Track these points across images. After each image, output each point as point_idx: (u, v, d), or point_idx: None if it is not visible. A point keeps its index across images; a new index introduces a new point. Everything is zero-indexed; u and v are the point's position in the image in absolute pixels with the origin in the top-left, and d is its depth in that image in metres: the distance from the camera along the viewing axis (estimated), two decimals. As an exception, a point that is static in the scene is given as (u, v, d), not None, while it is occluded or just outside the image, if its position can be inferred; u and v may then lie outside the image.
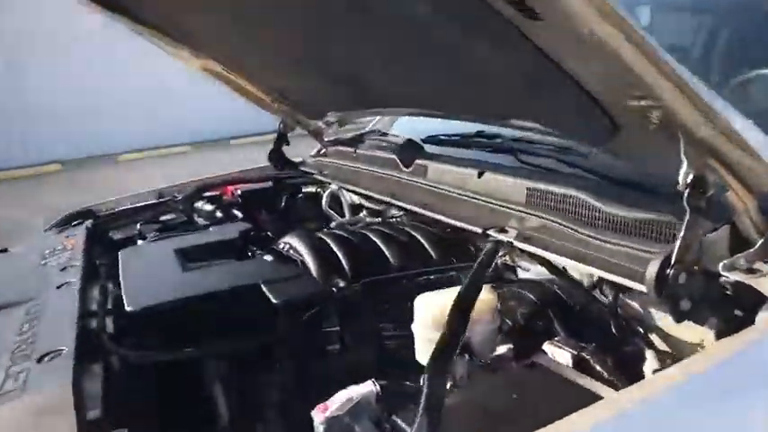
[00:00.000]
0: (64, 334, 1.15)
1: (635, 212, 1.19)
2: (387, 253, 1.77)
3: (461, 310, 1.02)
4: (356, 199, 2.51)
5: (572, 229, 1.25)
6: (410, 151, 1.92)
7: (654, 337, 1.26)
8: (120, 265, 1.67)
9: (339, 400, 1.04)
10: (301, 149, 2.73)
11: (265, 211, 2.49)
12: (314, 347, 1.50)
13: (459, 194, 1.59)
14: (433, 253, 1.79)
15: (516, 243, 1.29)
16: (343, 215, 2.53)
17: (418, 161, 1.82)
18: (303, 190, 2.62)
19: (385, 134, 2.37)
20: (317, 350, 1.50)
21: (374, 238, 1.83)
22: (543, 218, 1.33)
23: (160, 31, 2.16)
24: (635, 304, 1.26)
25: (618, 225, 1.19)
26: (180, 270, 1.59)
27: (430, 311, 1.20)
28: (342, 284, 1.51)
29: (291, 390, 1.49)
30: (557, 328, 1.29)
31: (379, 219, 2.30)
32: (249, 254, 1.90)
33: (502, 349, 1.32)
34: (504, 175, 1.50)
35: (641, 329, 1.25)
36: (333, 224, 2.40)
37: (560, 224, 1.28)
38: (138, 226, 2.19)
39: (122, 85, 10.61)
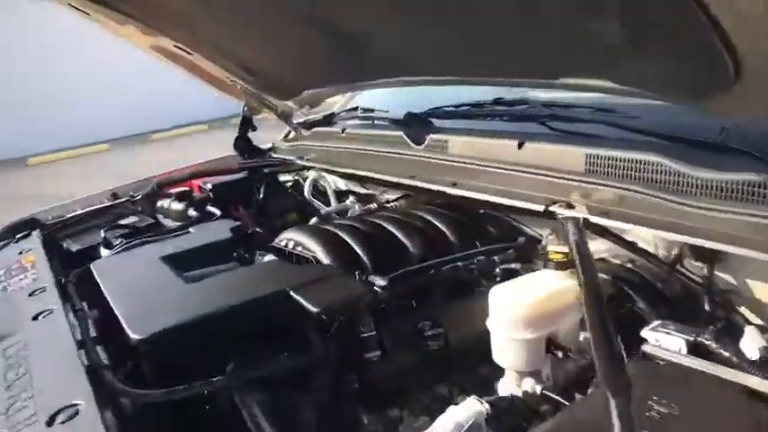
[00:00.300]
0: (69, 381, 0.89)
1: (729, 175, 1.06)
2: (406, 242, 1.58)
3: (598, 305, 0.85)
4: (342, 185, 2.29)
5: (659, 197, 1.11)
6: (419, 127, 1.72)
7: (744, 311, 1.14)
8: (100, 283, 1.38)
9: (444, 427, 0.85)
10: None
11: (242, 206, 2.23)
12: (352, 357, 1.30)
13: (496, 169, 1.41)
14: (453, 238, 1.62)
15: (594, 219, 1.14)
16: (325, 203, 2.31)
17: (434, 136, 1.63)
18: (280, 179, 2.37)
19: (371, 110, 2.16)
20: (356, 360, 1.30)
21: (388, 227, 1.63)
22: (617, 188, 1.18)
23: (107, 6, 1.85)
24: (727, 277, 1.14)
25: (713, 190, 1.06)
26: (180, 282, 1.33)
27: (518, 311, 1.03)
28: (382, 282, 1.30)
29: (331, 408, 1.28)
30: (643, 309, 1.15)
31: (374, 205, 2.10)
32: (244, 255, 1.66)
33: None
34: (552, 143, 1.34)
35: (734, 303, 1.14)
36: (322, 212, 2.18)
37: (643, 193, 1.14)
38: (102, 233, 1.87)
39: (29, 80, 9.66)
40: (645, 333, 1.04)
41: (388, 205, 2.05)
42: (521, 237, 1.64)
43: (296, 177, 2.40)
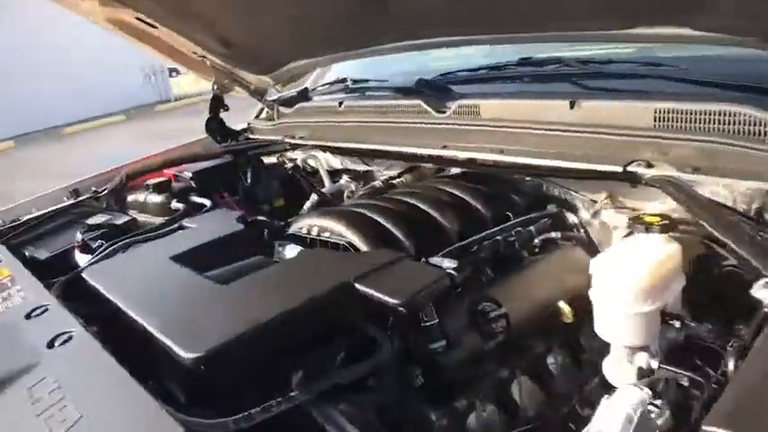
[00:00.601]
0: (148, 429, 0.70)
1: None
2: (440, 219, 1.45)
3: None
4: (337, 163, 2.12)
5: (748, 148, 1.04)
6: (439, 93, 1.58)
7: None
8: (107, 293, 1.15)
9: (617, 421, 0.73)
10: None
11: (227, 193, 2.00)
12: (415, 350, 1.17)
13: (546, 131, 1.30)
14: (483, 210, 1.51)
15: (684, 176, 1.05)
16: (316, 184, 2.13)
17: (461, 102, 1.49)
18: (265, 161, 2.16)
19: (365, 81, 1.99)
20: (420, 353, 1.17)
21: (417, 204, 1.50)
22: (697, 141, 1.10)
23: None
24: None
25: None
26: (210, 284, 1.13)
27: (637, 281, 0.92)
28: (451, 264, 1.17)
29: (397, 408, 1.15)
30: (739, 267, 1.09)
31: (378, 183, 1.94)
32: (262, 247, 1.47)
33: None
34: (610, 100, 1.25)
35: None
36: (324, 191, 1.99)
37: (729, 145, 1.06)
38: (80, 235, 1.61)
39: None
40: (759, 293, 0.97)
41: (395, 181, 1.90)
42: (549, 204, 1.57)
43: (280, 159, 2.21)
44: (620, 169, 1.12)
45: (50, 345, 0.93)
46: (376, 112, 1.73)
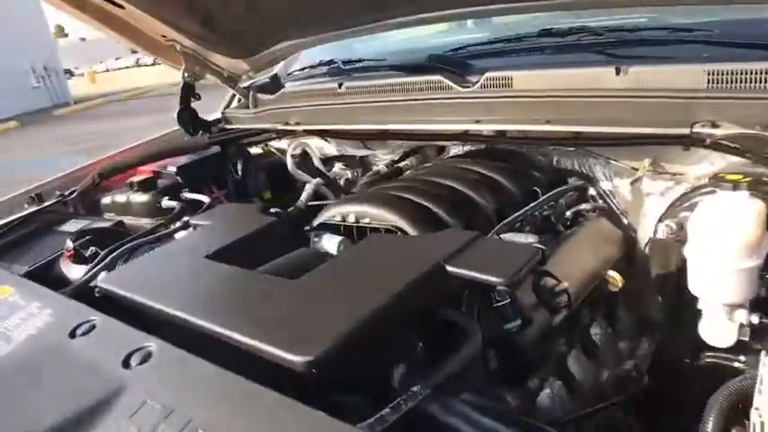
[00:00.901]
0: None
1: None
2: (477, 198, 1.41)
3: None
4: (332, 150, 2.00)
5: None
6: (456, 68, 1.52)
7: None
8: (151, 303, 0.99)
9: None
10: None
11: (216, 187, 1.83)
12: (491, 332, 1.11)
13: (593, 98, 1.28)
14: (511, 187, 1.48)
15: (758, 132, 1.06)
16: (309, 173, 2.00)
17: (491, 74, 1.44)
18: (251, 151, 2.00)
19: (358, 61, 1.88)
20: (496, 334, 1.12)
21: (452, 184, 1.44)
22: (757, 99, 1.12)
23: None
24: None
25: None
26: (284, 281, 1.00)
27: (743, 237, 0.92)
28: (531, 239, 1.12)
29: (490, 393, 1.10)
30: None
31: (381, 167, 1.86)
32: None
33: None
34: (656, 65, 1.24)
35: None
36: (308, 186, 1.87)
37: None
38: (71, 243, 1.40)
39: None
40: None
41: (401, 165, 1.83)
42: (570, 177, 1.58)
43: (266, 149, 2.06)
44: (686, 131, 1.12)
45: (126, 364, 0.79)
46: (384, 91, 1.64)
